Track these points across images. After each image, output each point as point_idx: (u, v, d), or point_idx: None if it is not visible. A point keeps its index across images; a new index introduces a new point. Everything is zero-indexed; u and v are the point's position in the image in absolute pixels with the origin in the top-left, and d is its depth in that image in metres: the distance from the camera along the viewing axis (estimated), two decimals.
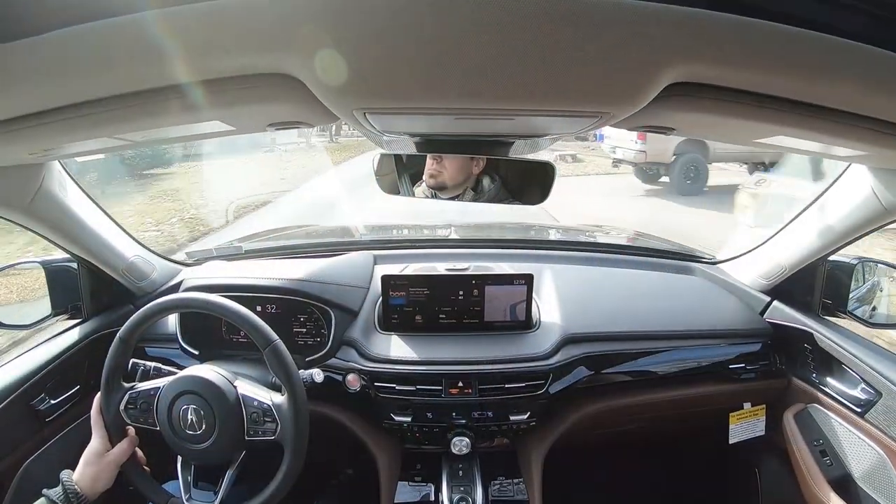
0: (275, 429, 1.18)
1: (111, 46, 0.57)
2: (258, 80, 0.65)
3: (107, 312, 1.59)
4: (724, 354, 1.61)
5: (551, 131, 1.04)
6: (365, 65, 0.58)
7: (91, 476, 1.13)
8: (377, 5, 0.49)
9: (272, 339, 1.20)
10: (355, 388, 1.45)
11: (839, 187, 1.33)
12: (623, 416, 1.65)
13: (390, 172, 1.30)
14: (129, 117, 0.75)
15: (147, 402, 1.21)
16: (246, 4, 0.50)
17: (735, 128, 0.86)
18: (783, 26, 0.50)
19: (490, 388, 1.44)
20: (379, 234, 2.49)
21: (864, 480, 1.36)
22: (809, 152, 1.06)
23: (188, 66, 0.62)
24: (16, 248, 4.99)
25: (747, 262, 1.77)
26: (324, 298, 1.52)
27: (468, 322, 1.55)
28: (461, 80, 0.60)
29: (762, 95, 0.66)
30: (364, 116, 0.76)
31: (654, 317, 1.61)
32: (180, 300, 1.27)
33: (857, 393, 1.39)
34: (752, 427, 1.66)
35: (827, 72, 0.58)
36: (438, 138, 1.15)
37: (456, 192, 1.30)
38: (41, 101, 0.70)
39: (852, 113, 0.69)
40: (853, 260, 1.50)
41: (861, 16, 0.51)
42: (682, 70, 0.58)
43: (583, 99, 0.66)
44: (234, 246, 1.94)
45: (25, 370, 1.33)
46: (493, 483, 1.52)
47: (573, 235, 2.51)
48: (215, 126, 0.89)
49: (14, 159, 1.06)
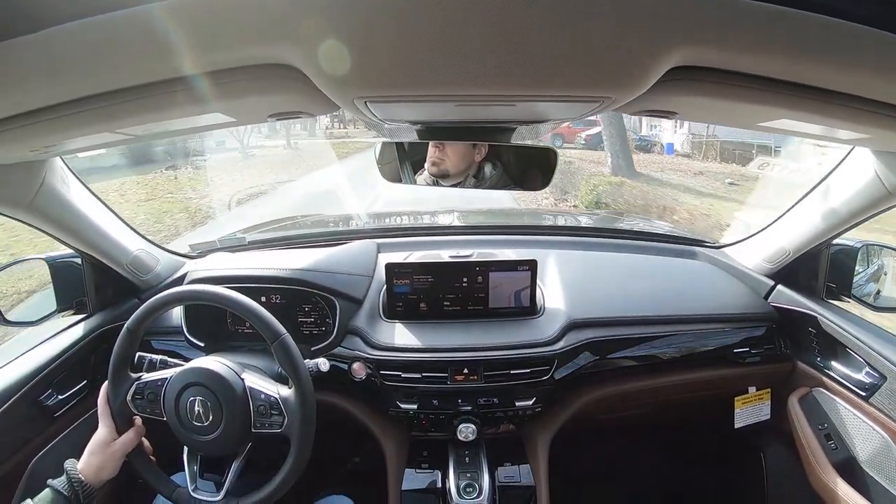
0: (281, 422, 1.19)
1: (112, 41, 0.57)
2: (259, 72, 0.65)
3: (112, 307, 1.59)
4: (729, 339, 1.61)
5: (552, 116, 1.03)
6: (365, 54, 0.58)
7: (96, 465, 1.14)
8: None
9: (280, 333, 1.20)
10: (361, 377, 1.46)
11: (843, 171, 1.33)
12: (628, 400, 1.65)
13: (392, 161, 1.30)
14: (130, 111, 0.75)
15: (154, 393, 1.22)
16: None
17: (738, 111, 0.85)
18: (787, 9, 0.50)
19: (495, 375, 1.44)
20: (382, 223, 2.49)
21: (869, 464, 1.36)
22: (813, 136, 1.05)
23: (189, 59, 0.62)
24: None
25: (751, 246, 1.77)
26: (328, 288, 1.52)
27: (473, 309, 1.56)
28: (461, 66, 0.60)
29: (766, 79, 0.65)
30: (365, 105, 0.76)
31: (659, 301, 1.61)
32: (189, 292, 1.27)
33: (862, 377, 1.39)
34: (757, 411, 1.67)
35: (831, 55, 0.58)
36: (440, 125, 1.14)
37: (458, 179, 1.30)
38: (42, 98, 0.71)
39: (856, 96, 0.69)
40: (857, 243, 1.50)
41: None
42: (685, 53, 0.58)
43: (584, 83, 0.66)
44: (238, 237, 1.94)
45: (32, 366, 1.34)
46: (499, 469, 1.53)
47: (576, 221, 2.51)
48: (216, 118, 0.89)
49: (16, 157, 1.06)
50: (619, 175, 10.76)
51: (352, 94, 0.70)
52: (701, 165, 14.16)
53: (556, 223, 2.47)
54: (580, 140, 16.13)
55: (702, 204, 9.45)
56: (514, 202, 6.01)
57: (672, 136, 16.64)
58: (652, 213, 8.52)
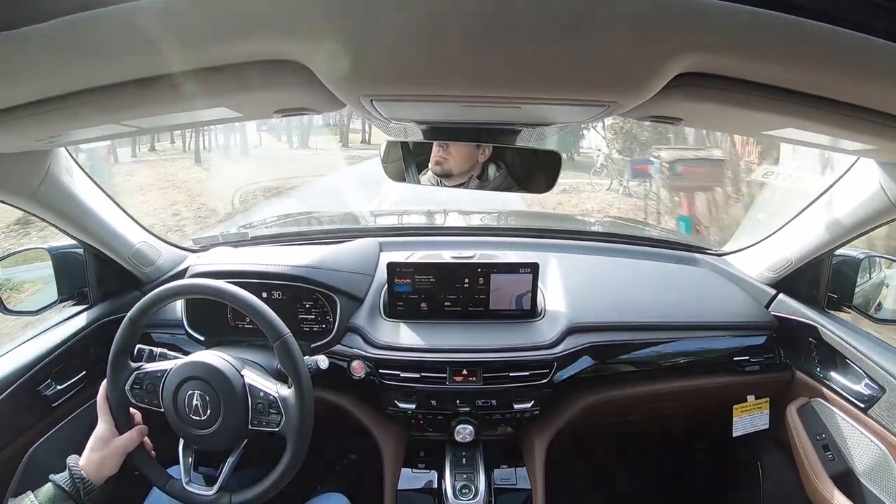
0: (279, 421, 1.18)
1: (119, 33, 0.57)
2: (266, 67, 0.65)
3: (113, 298, 1.60)
4: (729, 346, 1.60)
5: (558, 120, 1.03)
6: (372, 52, 0.58)
7: (97, 462, 1.14)
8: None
9: (283, 333, 1.20)
10: (360, 375, 1.46)
11: (847, 181, 1.32)
12: (626, 406, 1.65)
13: (397, 160, 1.30)
14: (136, 104, 0.75)
15: (153, 384, 1.22)
16: None
17: (743, 119, 0.85)
18: (794, 18, 0.50)
19: (494, 377, 1.44)
20: (385, 222, 2.49)
21: (866, 475, 1.36)
22: (818, 145, 1.05)
23: (196, 53, 0.62)
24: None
25: (753, 254, 1.76)
26: (329, 285, 1.52)
27: (473, 310, 1.56)
28: (469, 67, 0.60)
29: (772, 87, 0.65)
30: (371, 103, 0.76)
31: (660, 307, 1.60)
32: (193, 286, 1.28)
33: (861, 388, 1.39)
34: (756, 420, 1.66)
35: (837, 65, 0.58)
36: (445, 126, 1.15)
37: (461, 179, 1.29)
38: (47, 89, 0.71)
39: (862, 106, 0.68)
40: (860, 254, 1.50)
41: (872, 8, 0.51)
42: (692, 60, 0.58)
43: (590, 87, 0.66)
44: (241, 232, 1.94)
45: (32, 356, 1.34)
46: (495, 471, 1.53)
47: (579, 225, 2.50)
48: (222, 112, 0.89)
49: (20, 146, 1.06)
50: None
51: (358, 91, 0.70)
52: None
53: (559, 226, 2.46)
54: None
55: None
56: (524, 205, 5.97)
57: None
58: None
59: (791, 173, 5.12)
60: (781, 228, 1.61)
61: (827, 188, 1.39)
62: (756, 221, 4.71)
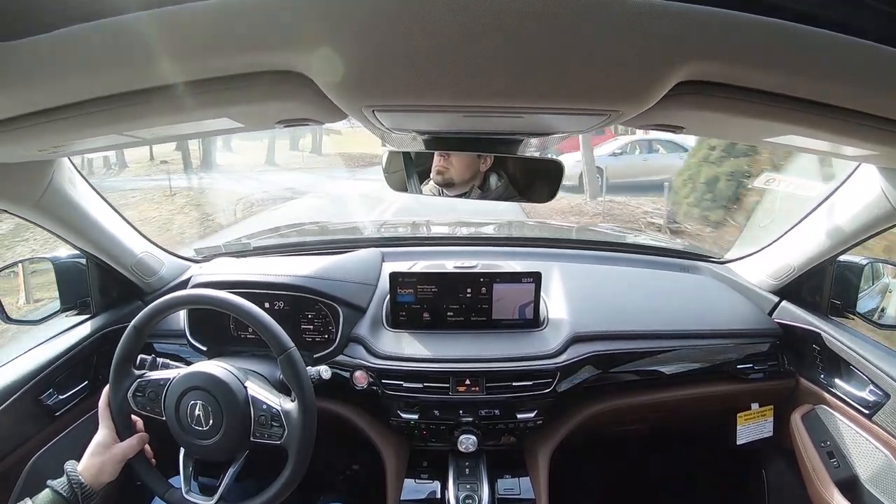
0: (281, 434, 1.18)
1: (121, 44, 0.57)
2: (268, 78, 0.65)
3: (115, 308, 1.60)
4: (732, 354, 1.60)
5: (560, 129, 1.03)
6: (374, 63, 0.58)
7: (96, 467, 1.14)
8: (386, 3, 0.49)
9: (287, 347, 1.20)
10: (362, 386, 1.46)
11: (849, 188, 1.33)
12: (630, 415, 1.65)
13: (399, 170, 1.30)
14: (139, 114, 0.75)
15: (155, 392, 1.22)
16: (256, 2, 0.51)
17: (745, 127, 0.85)
18: (796, 25, 0.50)
19: (497, 386, 1.44)
20: (387, 232, 2.49)
21: (871, 482, 1.35)
22: (820, 152, 1.05)
23: (199, 64, 0.62)
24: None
25: (756, 261, 1.76)
26: (332, 295, 1.52)
27: (476, 320, 1.56)
28: (471, 77, 0.60)
29: (773, 94, 0.65)
30: (373, 114, 0.76)
31: (662, 316, 1.60)
32: (198, 296, 1.27)
33: (865, 394, 1.38)
34: (760, 428, 1.66)
35: (839, 71, 0.58)
36: (447, 136, 1.15)
37: (463, 189, 1.30)
38: (51, 99, 0.71)
39: (864, 112, 0.68)
40: (863, 260, 1.49)
41: (875, 15, 0.51)
42: (693, 68, 0.58)
43: (592, 96, 0.66)
44: (243, 243, 1.95)
45: (34, 365, 1.34)
46: (499, 481, 1.52)
47: (581, 234, 2.51)
48: (224, 123, 0.89)
49: (24, 156, 1.07)
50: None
51: (360, 102, 0.70)
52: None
53: (562, 236, 2.46)
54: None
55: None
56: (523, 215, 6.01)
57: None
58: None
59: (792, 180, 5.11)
60: (783, 235, 1.61)
61: (829, 195, 1.39)
62: (758, 229, 4.72)
